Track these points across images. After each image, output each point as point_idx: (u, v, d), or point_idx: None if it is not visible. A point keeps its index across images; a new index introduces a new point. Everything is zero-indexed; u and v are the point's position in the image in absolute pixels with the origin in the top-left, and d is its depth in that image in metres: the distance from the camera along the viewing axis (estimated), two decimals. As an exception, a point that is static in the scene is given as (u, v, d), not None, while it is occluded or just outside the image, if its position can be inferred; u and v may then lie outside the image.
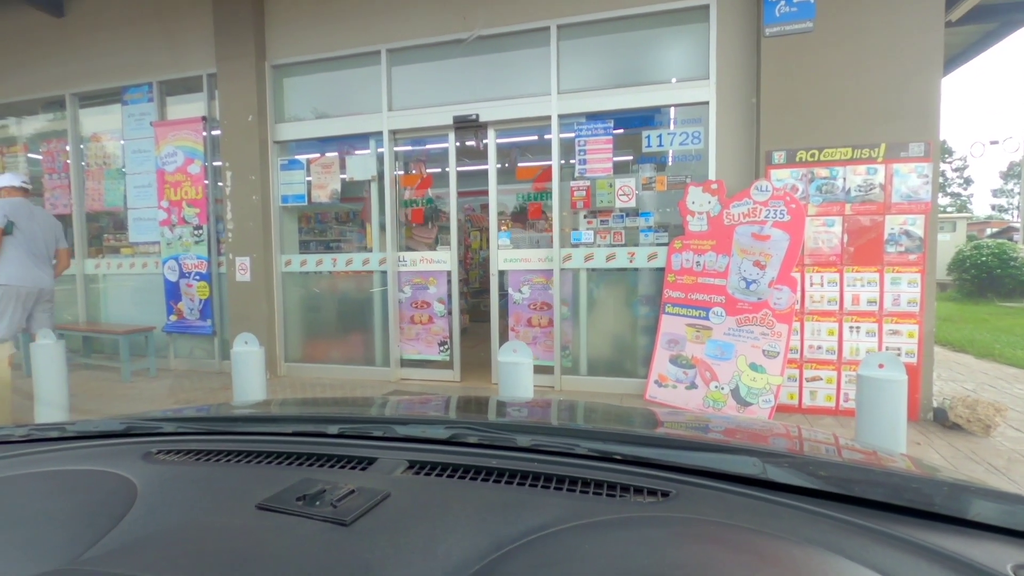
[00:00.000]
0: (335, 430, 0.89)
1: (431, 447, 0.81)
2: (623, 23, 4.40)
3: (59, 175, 6.16)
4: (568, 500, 0.64)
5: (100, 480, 0.73)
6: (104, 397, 4.66)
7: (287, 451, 0.81)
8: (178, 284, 5.57)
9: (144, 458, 0.81)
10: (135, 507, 0.65)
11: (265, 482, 0.70)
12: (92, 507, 0.66)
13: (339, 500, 0.62)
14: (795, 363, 3.96)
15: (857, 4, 3.76)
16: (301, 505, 0.61)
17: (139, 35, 5.65)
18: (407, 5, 4.84)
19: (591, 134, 4.50)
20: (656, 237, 4.44)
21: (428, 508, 0.63)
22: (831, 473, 0.72)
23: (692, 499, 0.64)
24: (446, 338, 4.97)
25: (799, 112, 3.89)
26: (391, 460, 0.77)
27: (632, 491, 0.66)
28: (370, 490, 0.65)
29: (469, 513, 0.61)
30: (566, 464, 0.75)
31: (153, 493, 0.69)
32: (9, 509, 0.67)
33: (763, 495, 0.66)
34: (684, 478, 0.69)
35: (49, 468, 0.79)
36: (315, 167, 5.28)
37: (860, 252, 3.83)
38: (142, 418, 1.00)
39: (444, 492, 0.67)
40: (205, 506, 0.65)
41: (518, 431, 0.87)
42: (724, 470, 0.70)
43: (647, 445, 0.79)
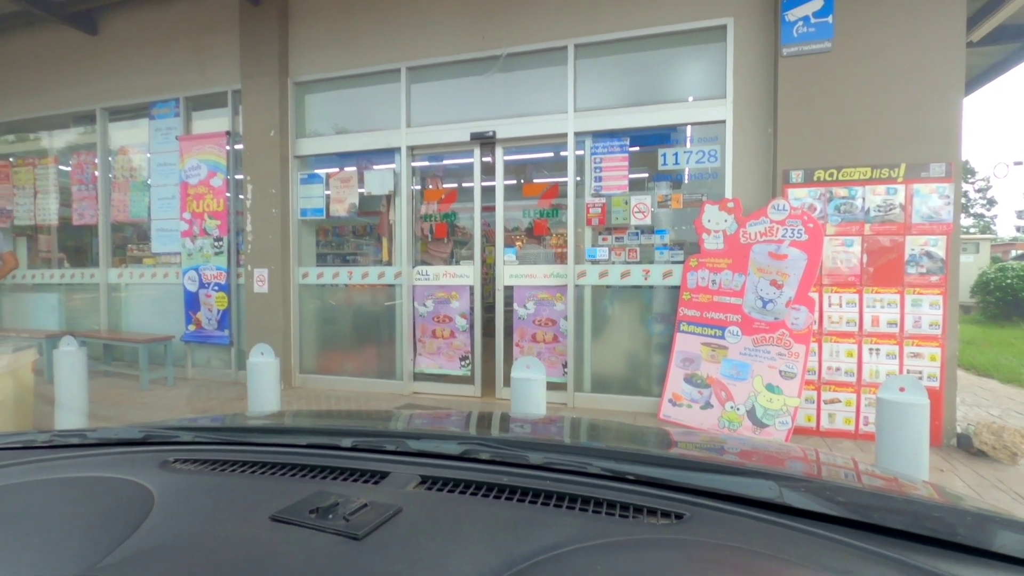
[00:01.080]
0: (348, 443, 0.89)
1: (444, 462, 0.81)
2: (640, 42, 4.44)
3: (87, 187, 6.33)
4: (580, 520, 0.64)
5: (118, 487, 0.75)
6: (123, 404, 4.73)
7: (301, 463, 0.82)
8: (197, 294, 5.66)
9: (161, 467, 0.82)
10: (152, 515, 0.66)
11: (279, 494, 0.71)
12: (110, 514, 0.67)
13: (352, 514, 0.62)
14: (813, 385, 3.89)
15: (876, 24, 3.76)
16: (314, 518, 0.62)
17: (168, 53, 5.83)
18: (427, 24, 4.94)
19: (607, 152, 4.52)
20: (671, 255, 4.42)
21: (440, 524, 0.63)
22: (850, 499, 0.70)
23: (707, 522, 0.63)
24: (467, 353, 4.96)
25: (817, 131, 3.87)
26: (404, 475, 0.77)
27: (645, 512, 0.65)
28: (383, 504, 0.65)
29: (481, 530, 0.61)
30: (578, 483, 0.74)
31: (169, 502, 0.70)
32: (30, 514, 0.68)
33: (780, 520, 0.65)
34: (699, 500, 0.68)
35: (69, 475, 0.80)
36: (334, 181, 5.36)
37: (880, 273, 3.77)
38: (160, 427, 1.01)
39: (456, 508, 0.67)
40: (220, 516, 0.66)
41: (530, 448, 0.86)
42: (740, 493, 0.69)
43: (661, 466, 0.78)
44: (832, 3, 3.81)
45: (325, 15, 5.26)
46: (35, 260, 6.92)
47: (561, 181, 4.75)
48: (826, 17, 3.83)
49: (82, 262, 6.62)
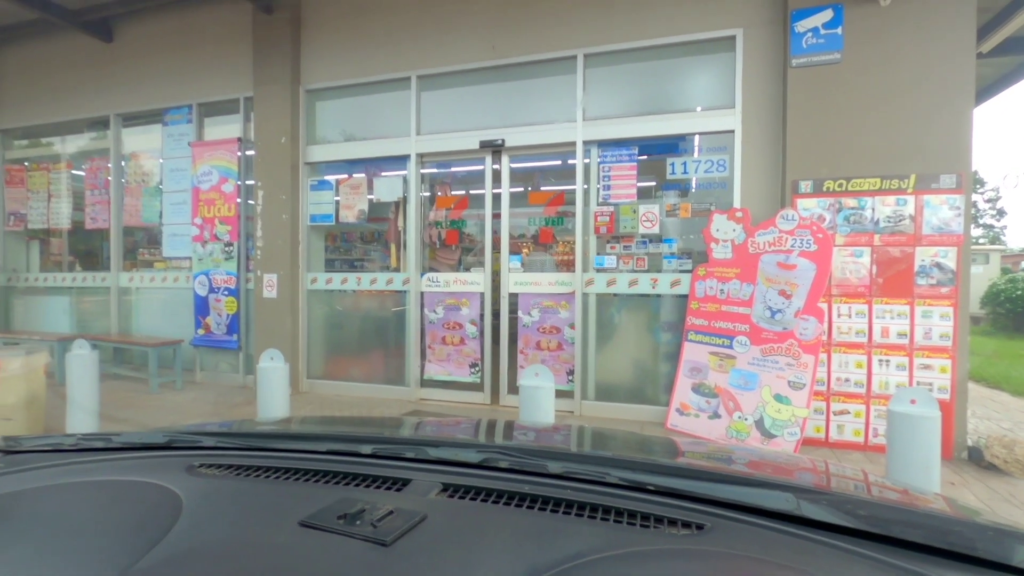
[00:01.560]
0: (368, 450, 0.91)
1: (464, 470, 0.82)
2: (649, 52, 4.47)
3: (100, 191, 6.41)
4: (601, 529, 0.65)
5: (147, 492, 0.76)
6: (132, 408, 4.76)
7: (323, 469, 0.83)
8: (207, 299, 5.71)
9: (187, 471, 0.84)
10: (181, 519, 0.68)
11: (304, 499, 0.72)
12: (140, 518, 0.69)
13: (379, 520, 0.63)
14: (822, 395, 3.87)
15: (886, 36, 3.77)
16: (342, 524, 0.63)
17: (182, 60, 5.91)
18: (438, 33, 4.99)
19: (615, 160, 4.54)
20: (679, 264, 4.43)
21: (464, 532, 0.64)
22: (869, 512, 0.71)
23: (728, 533, 0.64)
24: (477, 359, 4.97)
25: (826, 142, 3.88)
26: (425, 482, 0.78)
27: (666, 522, 0.66)
28: (408, 511, 0.66)
29: (504, 538, 0.62)
30: (597, 492, 0.75)
31: (198, 506, 0.71)
32: (65, 517, 0.70)
33: (799, 532, 0.65)
34: (718, 511, 0.69)
35: (99, 478, 0.82)
36: (344, 188, 5.41)
37: (889, 284, 3.76)
38: (183, 431, 1.03)
39: (479, 516, 0.68)
40: (249, 521, 0.67)
41: (549, 457, 0.87)
42: (759, 505, 0.70)
43: (680, 476, 0.79)
44: (842, 15, 3.83)
45: (337, 24, 5.32)
46: (47, 263, 7.00)
47: (568, 189, 4.78)
48: (835, 28, 3.84)
49: (93, 265, 6.69)
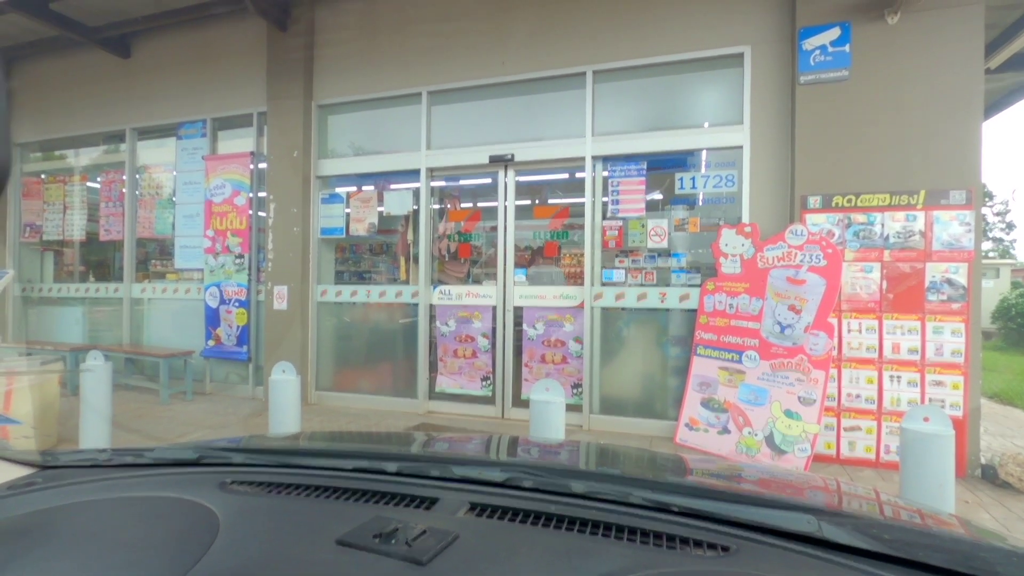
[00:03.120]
0: (395, 468, 0.93)
1: (489, 489, 0.84)
2: (658, 69, 4.52)
3: (114, 203, 6.51)
4: (628, 550, 0.66)
5: (184, 508, 0.78)
6: (144, 418, 4.79)
7: (352, 487, 0.85)
8: (218, 310, 5.76)
9: (220, 488, 0.86)
10: (219, 537, 0.70)
11: (337, 517, 0.74)
12: (181, 535, 0.71)
13: (413, 539, 0.65)
14: (832, 411, 3.85)
15: (894, 53, 3.80)
16: (378, 543, 0.65)
17: (197, 76, 6.02)
18: (448, 49, 5.07)
19: (624, 175, 4.58)
20: (688, 278, 4.44)
21: (496, 551, 0.65)
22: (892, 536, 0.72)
23: (753, 556, 0.65)
24: (489, 373, 4.98)
25: (835, 158, 3.90)
26: (453, 501, 0.80)
27: (691, 544, 0.68)
28: (441, 531, 0.68)
29: (536, 558, 0.64)
30: (621, 512, 0.77)
31: (235, 524, 0.73)
32: (105, 533, 0.72)
33: (822, 554, 0.67)
34: (743, 533, 0.70)
35: (135, 493, 0.84)
36: (354, 201, 5.47)
37: (900, 299, 3.76)
38: (213, 448, 1.05)
39: (509, 536, 0.70)
40: (286, 539, 0.69)
41: (572, 476, 0.89)
42: (783, 527, 0.71)
43: (703, 497, 0.80)
44: (849, 32, 3.87)
45: (349, 41, 5.42)
46: (61, 274, 7.10)
47: (576, 203, 4.81)
48: (843, 46, 3.88)
49: (106, 276, 6.78)
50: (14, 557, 0.66)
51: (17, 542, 0.70)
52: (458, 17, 5.03)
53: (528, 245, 5.22)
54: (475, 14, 4.97)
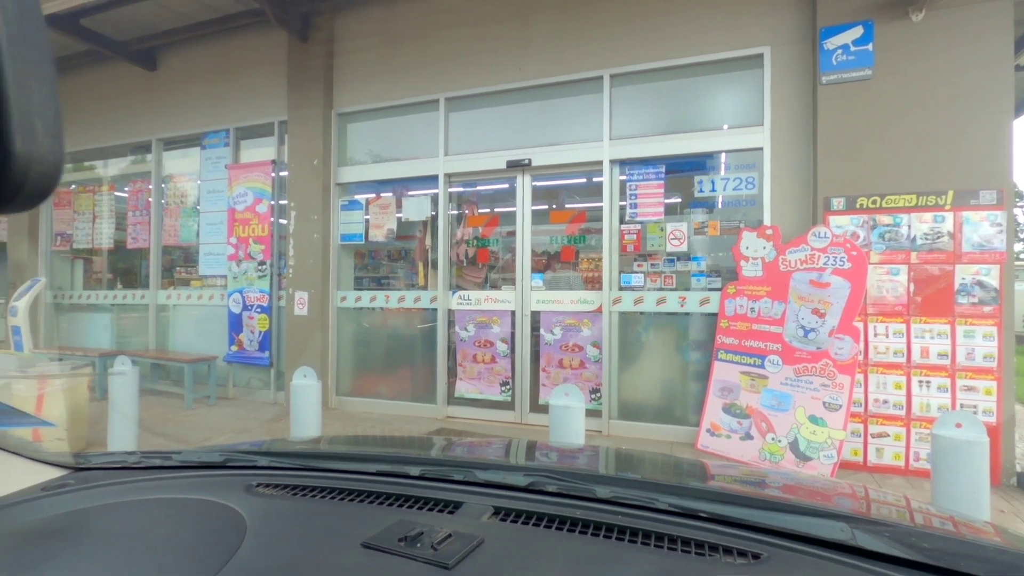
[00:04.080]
0: (419, 472, 0.93)
1: (513, 494, 0.84)
2: (676, 72, 4.49)
3: (141, 212, 6.67)
4: (658, 556, 0.65)
5: (212, 510, 0.79)
6: (169, 423, 4.88)
7: (376, 491, 0.85)
8: (241, 316, 5.86)
9: (246, 490, 0.87)
10: (247, 539, 0.70)
11: (362, 521, 0.74)
12: (209, 536, 0.72)
13: (439, 543, 0.65)
14: (859, 417, 3.77)
15: (919, 51, 3.72)
16: (403, 546, 0.65)
17: (220, 86, 6.16)
18: (465, 56, 5.10)
19: (642, 179, 4.55)
20: (708, 282, 4.39)
21: (522, 557, 0.65)
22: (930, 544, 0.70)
23: (785, 563, 0.64)
24: (508, 378, 4.98)
25: (859, 158, 3.83)
26: (476, 505, 0.79)
27: (720, 551, 0.66)
28: (466, 535, 0.68)
29: (562, 564, 0.63)
30: (647, 518, 0.75)
31: (261, 526, 0.74)
32: (136, 534, 0.73)
33: (856, 562, 0.65)
34: (773, 540, 0.69)
35: (164, 495, 0.85)
36: (373, 207, 5.53)
37: (928, 302, 3.66)
38: (236, 450, 1.07)
39: (534, 541, 0.69)
40: (313, 541, 0.69)
41: (596, 482, 0.88)
42: (814, 534, 0.69)
43: (731, 504, 0.79)
44: (872, 31, 3.80)
45: (368, 49, 5.49)
46: (90, 281, 7.28)
47: (594, 207, 4.79)
48: (866, 45, 3.82)
49: (133, 283, 6.93)
50: (49, 557, 0.68)
51: (52, 542, 0.72)
52: (475, 24, 5.07)
53: (545, 250, 5.21)
54: (492, 21, 5.00)
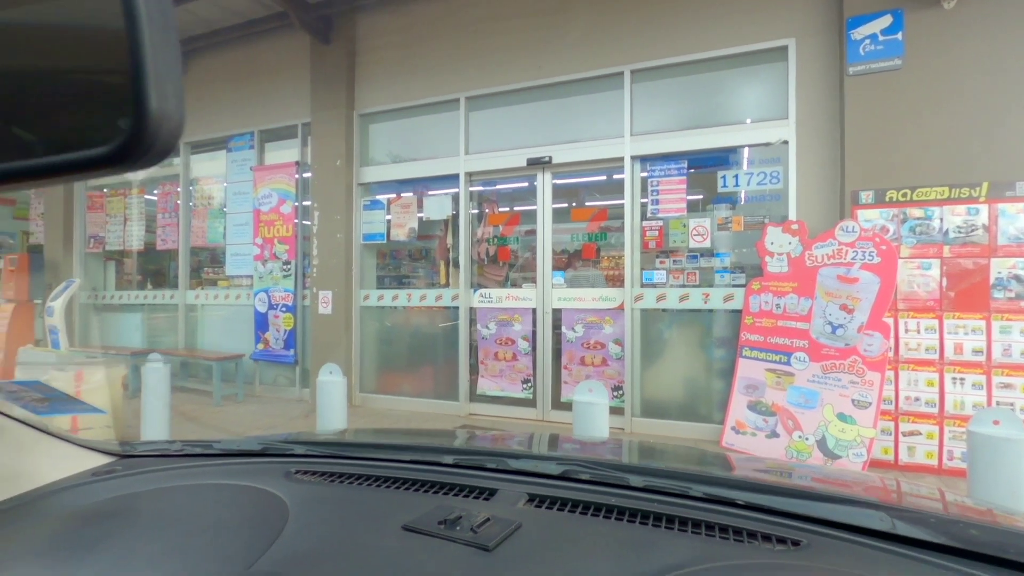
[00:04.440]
0: (452, 460, 0.94)
1: (547, 481, 0.84)
2: (698, 66, 4.45)
3: (170, 214, 6.84)
4: (696, 542, 0.65)
5: (254, 495, 0.82)
6: (198, 420, 5.00)
7: (411, 478, 0.87)
8: (266, 315, 5.97)
9: (286, 477, 0.89)
10: (290, 522, 0.72)
11: (401, 506, 0.76)
12: (253, 519, 0.74)
13: (477, 526, 0.66)
14: (889, 415, 3.68)
15: (951, 39, 3.62)
16: (443, 529, 0.66)
17: (246, 90, 6.28)
18: (485, 55, 5.12)
19: (664, 175, 4.52)
20: (732, 278, 4.33)
21: (560, 540, 0.66)
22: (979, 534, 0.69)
23: (825, 550, 0.63)
24: (530, 375, 4.99)
25: (888, 151, 3.74)
26: (511, 492, 0.80)
27: (759, 537, 0.66)
28: (503, 519, 0.69)
29: (601, 548, 0.64)
30: (681, 505, 0.76)
31: (303, 510, 0.76)
32: (184, 517, 0.76)
33: (897, 549, 0.64)
34: (813, 528, 0.68)
35: (207, 481, 0.88)
36: (395, 207, 5.58)
37: (962, 297, 3.56)
38: (276, 440, 1.09)
39: (571, 526, 0.70)
40: (354, 524, 0.71)
41: (629, 471, 0.88)
42: (854, 522, 0.69)
43: (769, 493, 0.78)
44: (902, 20, 3.71)
45: (389, 50, 5.54)
46: (122, 282, 7.50)
47: (615, 204, 4.77)
48: (895, 34, 3.73)
49: (163, 284, 7.12)
50: (104, 537, 0.71)
51: (106, 524, 0.75)
52: (495, 23, 5.08)
53: (566, 247, 5.20)
54: (511, 19, 5.01)
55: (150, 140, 0.16)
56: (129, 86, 0.16)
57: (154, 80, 0.16)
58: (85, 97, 0.17)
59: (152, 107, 0.16)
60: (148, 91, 0.16)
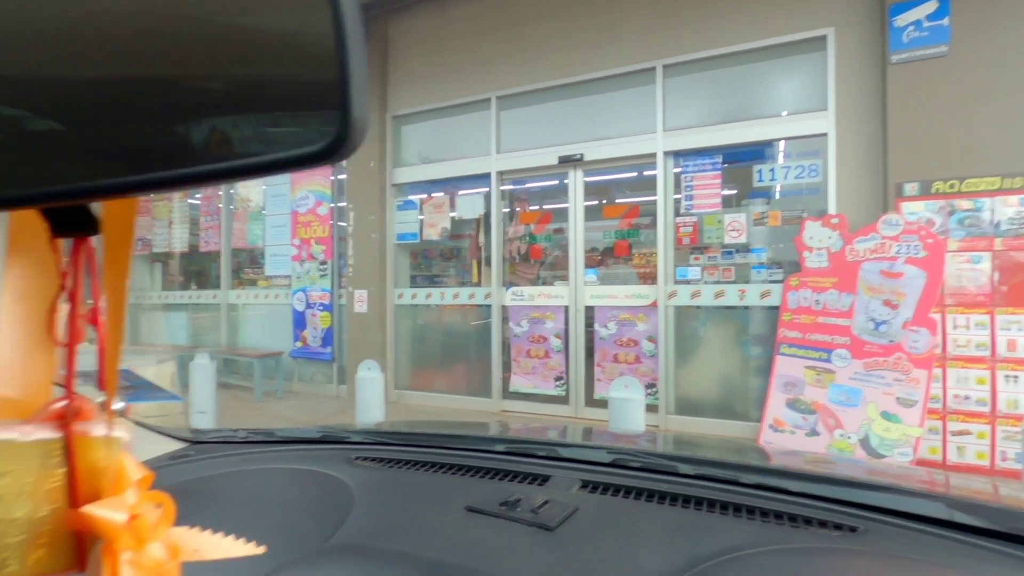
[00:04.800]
0: (503, 448, 0.97)
1: (598, 469, 0.87)
2: (732, 59, 4.38)
3: (212, 217, 7.10)
4: (750, 526, 0.67)
5: (320, 479, 0.86)
6: (241, 416, 5.18)
7: (466, 464, 0.90)
8: (304, 314, 6.14)
9: (347, 463, 0.94)
10: (356, 503, 0.77)
11: (461, 489, 0.79)
12: (321, 501, 0.79)
13: (537, 508, 0.69)
14: (937, 414, 3.56)
15: (1001, 23, 3.48)
16: (505, 510, 0.69)
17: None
18: (516, 54, 5.14)
19: (698, 170, 4.46)
20: (769, 274, 4.26)
21: (617, 523, 0.68)
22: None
23: (883, 536, 0.64)
24: (562, 372, 5.01)
25: (934, 140, 3.62)
26: (564, 478, 0.83)
27: (815, 523, 0.67)
28: (561, 502, 0.72)
29: (658, 530, 0.66)
30: (733, 492, 0.77)
31: (367, 493, 0.80)
32: (257, 498, 0.81)
33: (955, 536, 0.64)
34: (869, 515, 0.69)
35: (274, 465, 0.94)
36: (427, 207, 5.67)
37: (1015, 292, 3.42)
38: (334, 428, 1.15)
39: (626, 510, 0.72)
40: (418, 505, 0.75)
41: (678, 460, 0.90)
42: (911, 510, 0.69)
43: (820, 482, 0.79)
44: (948, 5, 3.58)
45: (420, 52, 5.63)
46: (167, 283, 7.82)
47: (647, 201, 4.73)
48: (941, 19, 3.60)
49: (205, 284, 7.39)
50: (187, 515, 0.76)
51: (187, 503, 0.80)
52: (525, 22, 5.10)
53: (598, 245, 5.19)
54: (542, 18, 5.02)
55: (354, 138, 0.20)
56: (337, 91, 0.19)
57: (357, 85, 0.20)
58: (298, 101, 0.21)
59: (355, 108, 0.19)
60: (353, 95, 0.19)
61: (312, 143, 0.21)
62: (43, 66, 0.22)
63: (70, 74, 0.22)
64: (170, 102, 0.22)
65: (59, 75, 0.22)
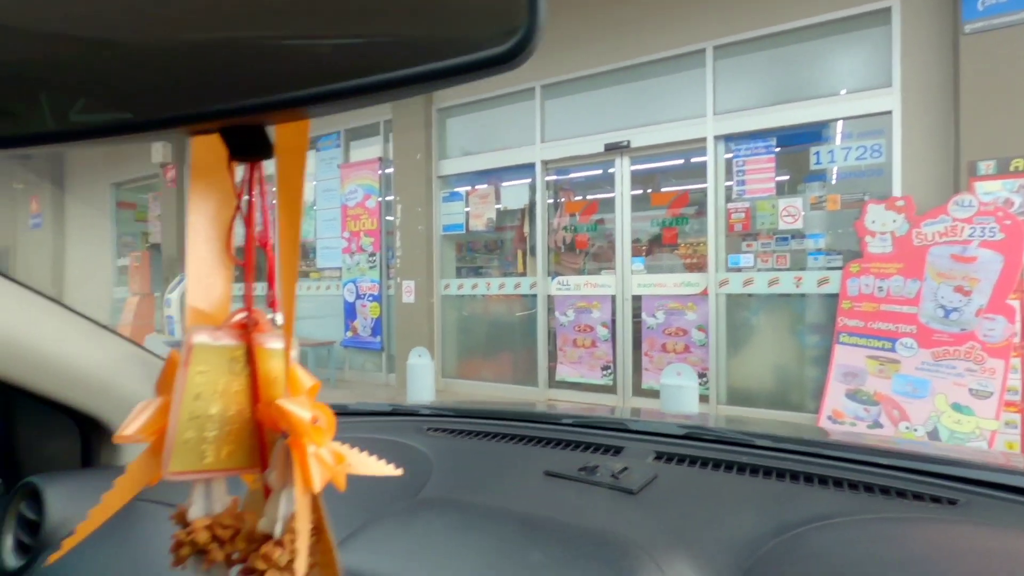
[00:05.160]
0: (571, 421, 0.98)
1: (671, 440, 0.86)
2: (786, 37, 4.21)
3: (266, 212, 7.36)
4: (840, 496, 0.65)
5: (396, 447, 0.89)
6: (297, 400, 5.38)
7: (538, 436, 0.92)
8: (354, 304, 6.31)
9: (421, 433, 0.97)
10: (435, 468, 0.79)
11: (536, 457, 0.80)
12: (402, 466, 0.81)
13: (617, 474, 0.69)
14: (1015, 406, 3.35)
15: (1091, -14, 3.21)
16: (584, 474, 0.70)
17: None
18: (558, 41, 5.08)
19: (750, 154, 4.32)
20: (827, 260, 4.09)
21: (697, 490, 0.68)
22: None
23: (986, 509, 0.61)
24: (609, 362, 4.98)
25: (1013, 115, 3.38)
26: (639, 450, 0.83)
27: (910, 496, 0.65)
28: (640, 469, 0.72)
29: (742, 498, 0.65)
30: (816, 464, 0.75)
31: (446, 459, 0.82)
32: None
33: None
34: (966, 487, 0.66)
35: (353, 435, 0.98)
36: (473, 198, 5.71)
37: (1106, 276, 3.17)
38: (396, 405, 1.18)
39: (705, 479, 0.72)
40: (497, 470, 0.77)
41: (752, 434, 0.88)
42: (1012, 483, 0.66)
43: (908, 458, 0.76)
44: (1029, -32, 3.33)
45: (465, 44, 5.64)
46: (226, 276, 8.17)
47: (696, 188, 4.62)
48: (1021, -15, 3.35)
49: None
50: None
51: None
52: (569, 7, 5.04)
53: (645, 233, 5.10)
54: (586, 3, 4.95)
55: (536, 41, 0.20)
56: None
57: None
58: (484, 4, 0.21)
59: (541, 11, 0.20)
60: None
61: (494, 45, 0.21)
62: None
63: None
64: (341, 6, 0.21)
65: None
